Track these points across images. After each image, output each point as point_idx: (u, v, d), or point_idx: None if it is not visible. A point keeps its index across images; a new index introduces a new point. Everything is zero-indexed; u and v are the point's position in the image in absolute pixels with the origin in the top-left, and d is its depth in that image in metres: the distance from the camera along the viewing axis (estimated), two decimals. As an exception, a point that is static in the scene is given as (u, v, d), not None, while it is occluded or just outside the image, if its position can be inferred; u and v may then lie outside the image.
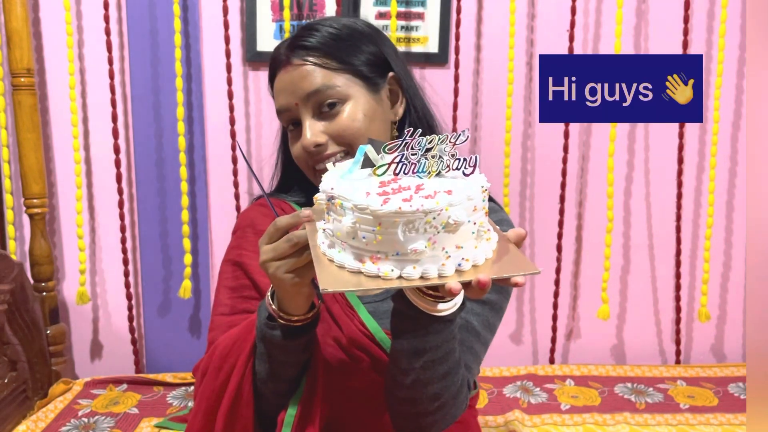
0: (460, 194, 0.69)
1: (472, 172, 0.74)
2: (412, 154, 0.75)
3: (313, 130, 0.98)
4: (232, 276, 1.05)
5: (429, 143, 0.76)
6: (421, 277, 0.68)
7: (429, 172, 0.74)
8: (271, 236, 0.80)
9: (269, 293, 0.87)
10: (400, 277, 0.68)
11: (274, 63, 1.04)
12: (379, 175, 0.76)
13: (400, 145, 0.76)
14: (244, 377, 0.90)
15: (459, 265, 0.69)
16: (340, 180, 0.76)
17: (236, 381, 0.91)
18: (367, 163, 0.79)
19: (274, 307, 0.85)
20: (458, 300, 0.80)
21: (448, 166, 0.74)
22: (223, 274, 1.07)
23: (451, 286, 0.68)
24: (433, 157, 0.75)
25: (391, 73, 1.05)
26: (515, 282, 0.68)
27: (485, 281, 0.67)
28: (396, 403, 0.90)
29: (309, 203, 1.10)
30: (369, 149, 0.79)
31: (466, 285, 0.70)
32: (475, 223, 0.70)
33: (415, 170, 0.75)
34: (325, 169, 0.83)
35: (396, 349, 0.85)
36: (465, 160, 0.74)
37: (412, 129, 0.77)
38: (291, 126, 1.03)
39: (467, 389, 0.94)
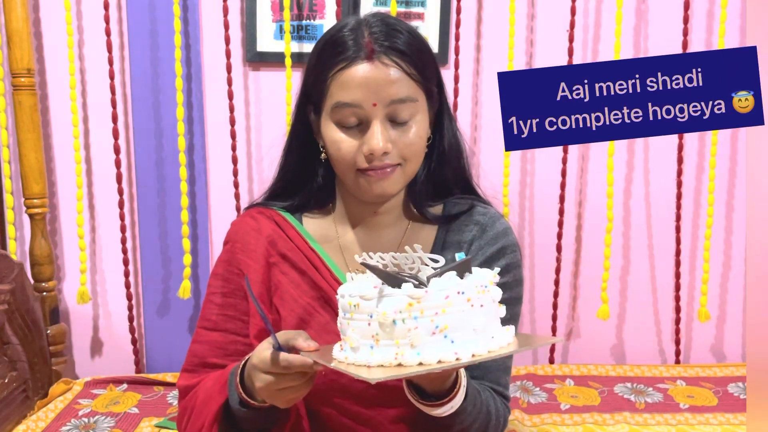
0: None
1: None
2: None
3: (385, 136, 0.93)
4: (220, 292, 1.05)
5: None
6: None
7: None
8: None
9: (238, 378, 0.90)
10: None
11: (349, 50, 0.93)
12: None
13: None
14: None
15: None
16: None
17: None
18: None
19: (251, 401, 0.89)
20: (455, 403, 0.85)
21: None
22: (211, 288, 1.07)
23: None
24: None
25: (443, 99, 1.04)
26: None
27: None
28: None
29: (300, 208, 1.09)
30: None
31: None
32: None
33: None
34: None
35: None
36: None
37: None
38: (349, 121, 0.95)
39: (501, 415, 1.01)
